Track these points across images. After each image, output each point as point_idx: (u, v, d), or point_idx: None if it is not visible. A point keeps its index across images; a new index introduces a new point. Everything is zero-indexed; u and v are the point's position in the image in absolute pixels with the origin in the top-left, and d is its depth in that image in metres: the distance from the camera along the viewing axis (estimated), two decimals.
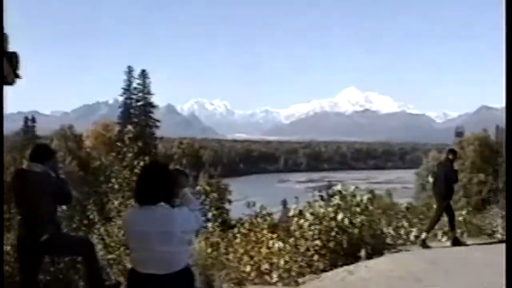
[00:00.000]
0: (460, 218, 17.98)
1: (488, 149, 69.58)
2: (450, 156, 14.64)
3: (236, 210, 27.94)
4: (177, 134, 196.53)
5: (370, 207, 15.01)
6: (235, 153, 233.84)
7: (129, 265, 6.27)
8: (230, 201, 49.50)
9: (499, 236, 17.57)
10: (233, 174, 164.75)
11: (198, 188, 21.22)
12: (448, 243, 15.60)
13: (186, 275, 4.97)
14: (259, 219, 14.71)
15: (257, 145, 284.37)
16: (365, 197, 15.39)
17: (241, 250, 13.29)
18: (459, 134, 79.55)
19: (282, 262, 12.50)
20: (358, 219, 13.96)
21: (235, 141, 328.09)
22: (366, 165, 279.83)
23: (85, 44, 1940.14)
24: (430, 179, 14.91)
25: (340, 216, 13.62)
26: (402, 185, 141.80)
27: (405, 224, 17.62)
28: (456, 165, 15.04)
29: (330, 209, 14.10)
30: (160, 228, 4.72)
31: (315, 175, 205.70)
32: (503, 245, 14.84)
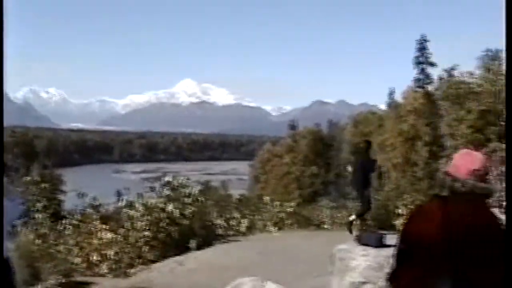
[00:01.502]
0: (290, 210, 18.48)
1: (321, 142, 71.92)
2: (366, 146, 14.76)
3: (70, 201, 27.15)
4: (10, 122, 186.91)
5: (201, 199, 15.09)
6: (70, 143, 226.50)
7: None
8: (63, 192, 47.95)
9: (326, 227, 18.20)
10: (68, 164, 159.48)
11: (27, 178, 20.30)
12: (278, 233, 16.00)
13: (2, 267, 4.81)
14: (91, 210, 14.62)
15: (92, 135, 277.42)
16: (196, 189, 15.43)
17: (72, 242, 13.07)
18: (292, 127, 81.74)
19: (112, 253, 12.46)
20: (189, 210, 14.02)
21: (70, 130, 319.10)
22: (202, 156, 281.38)
23: None
24: (349, 169, 14.89)
25: (170, 207, 13.66)
26: (237, 177, 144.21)
27: (237, 215, 17.85)
28: (372, 155, 15.22)
29: (160, 200, 14.05)
30: None
31: (151, 166, 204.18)
32: (329, 234, 15.27)
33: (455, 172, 3.26)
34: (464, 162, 3.27)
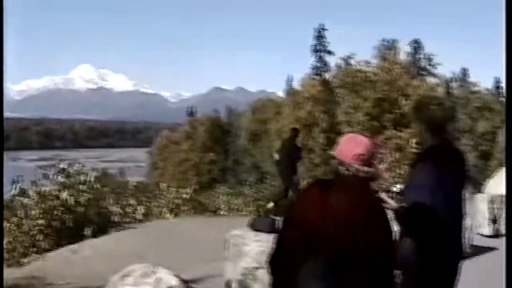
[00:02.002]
0: (186, 196, 18.21)
1: (219, 129, 71.62)
2: (293, 134, 14.58)
3: None
4: None
5: (97, 186, 14.79)
6: None
7: None
8: None
9: (222, 213, 18.08)
10: None
11: None
12: (174, 220, 15.74)
13: None
14: None
15: None
16: (91, 176, 14.96)
17: None
18: (191, 114, 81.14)
19: (5, 242, 12.07)
20: (84, 198, 13.76)
21: None
22: (99, 143, 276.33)
23: None
24: (276, 156, 14.62)
25: (64, 195, 13.39)
26: (135, 164, 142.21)
27: (133, 202, 17.47)
28: (299, 143, 15.15)
29: (54, 187, 13.81)
30: None
31: (47, 153, 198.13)
32: (225, 220, 15.46)
33: (340, 156, 3.30)
34: (348, 146, 3.30)
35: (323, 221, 2.99)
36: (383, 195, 3.70)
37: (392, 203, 3.69)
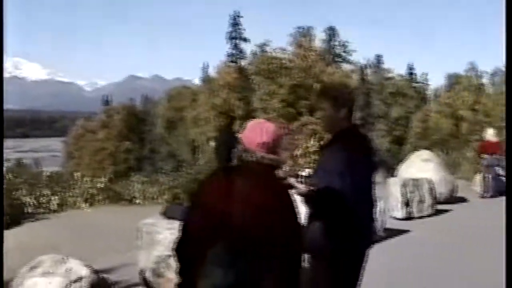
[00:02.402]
0: (101, 185, 17.85)
1: (135, 118, 70.70)
2: (229, 122, 14.44)
3: None
4: None
5: (9, 176, 14.45)
6: None
7: None
8: None
9: (138, 201, 17.85)
10: None
11: None
12: (89, 210, 15.55)
13: None
14: None
15: None
16: (4, 166, 14.59)
17: None
18: (106, 102, 79.84)
19: None
20: None
21: None
22: (13, 133, 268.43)
23: None
24: (212, 144, 14.29)
25: None
26: (51, 154, 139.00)
27: (47, 192, 17.02)
28: (235, 130, 14.96)
29: None
30: None
31: None
32: (140, 209, 15.31)
33: (245, 142, 3.22)
34: (253, 133, 3.22)
35: (227, 208, 2.96)
36: (292, 180, 3.71)
37: (301, 187, 3.69)
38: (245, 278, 2.94)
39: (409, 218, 12.37)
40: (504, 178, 16.31)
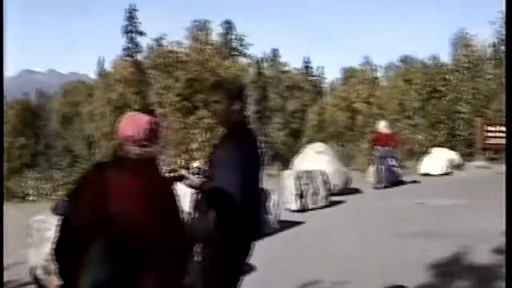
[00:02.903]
0: None
1: (30, 113, 68.54)
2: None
3: None
4: None
5: None
6: None
7: None
8: None
9: (31, 198, 17.21)
10: None
11: None
12: None
13: None
14: None
15: None
16: None
17: None
18: None
19: None
20: None
21: None
22: None
23: None
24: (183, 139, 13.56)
25: None
26: None
27: None
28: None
29: None
30: None
31: None
32: (33, 206, 14.72)
33: (118, 135, 3.19)
34: (123, 126, 3.18)
35: (101, 205, 2.91)
36: (184, 172, 3.75)
37: (194, 179, 3.71)
38: (126, 274, 2.91)
39: (303, 210, 12.37)
40: (396, 169, 16.60)
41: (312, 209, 12.51)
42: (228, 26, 51.83)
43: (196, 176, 3.75)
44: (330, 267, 7.30)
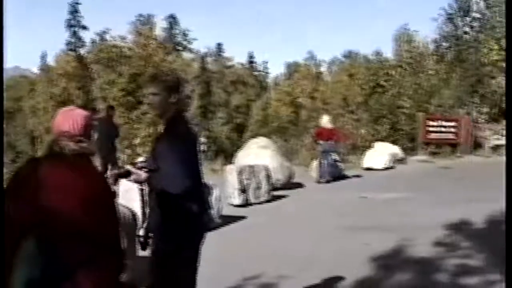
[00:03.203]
0: None
1: None
2: (110, 113, 14.34)
3: None
4: None
5: None
6: None
7: None
8: None
9: None
10: None
11: None
12: None
13: None
14: None
15: None
16: None
17: None
18: None
19: None
20: None
21: None
22: None
23: None
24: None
25: None
26: None
27: None
28: (115, 120, 15.18)
29: None
30: None
31: None
32: None
33: (53, 130, 3.12)
34: (58, 120, 3.13)
35: (34, 201, 2.83)
36: (129, 167, 3.83)
37: (140, 174, 3.78)
38: (59, 273, 2.82)
39: (246, 204, 12.32)
40: (339, 164, 16.62)
41: (255, 203, 12.45)
42: (173, 20, 51.32)
43: (141, 170, 3.81)
44: (272, 261, 7.27)
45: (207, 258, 6.87)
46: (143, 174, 3.79)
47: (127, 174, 3.80)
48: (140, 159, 4.33)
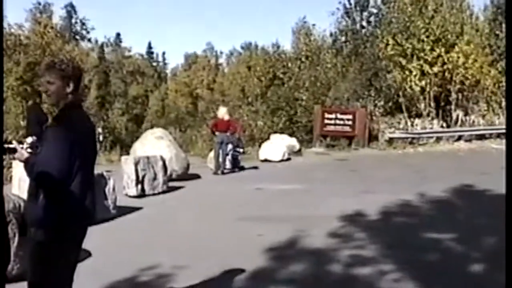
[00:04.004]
0: None
1: None
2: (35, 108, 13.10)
3: None
4: None
5: None
6: None
7: None
8: None
9: None
10: None
11: None
12: None
13: None
14: None
15: None
16: None
17: None
18: None
19: None
20: None
21: None
22: None
23: None
24: (22, 123, 12.12)
25: None
26: None
27: None
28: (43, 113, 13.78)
29: None
30: None
31: None
32: None
33: None
34: None
35: None
36: (15, 144, 3.68)
37: (23, 153, 3.66)
38: None
39: (142, 195, 12.02)
40: (236, 155, 16.47)
41: (151, 194, 12.20)
42: (72, 9, 49.81)
43: (27, 150, 3.68)
44: (168, 252, 7.18)
45: (100, 249, 6.49)
46: (25, 154, 3.67)
47: (13, 151, 3.68)
48: (29, 139, 3.80)
